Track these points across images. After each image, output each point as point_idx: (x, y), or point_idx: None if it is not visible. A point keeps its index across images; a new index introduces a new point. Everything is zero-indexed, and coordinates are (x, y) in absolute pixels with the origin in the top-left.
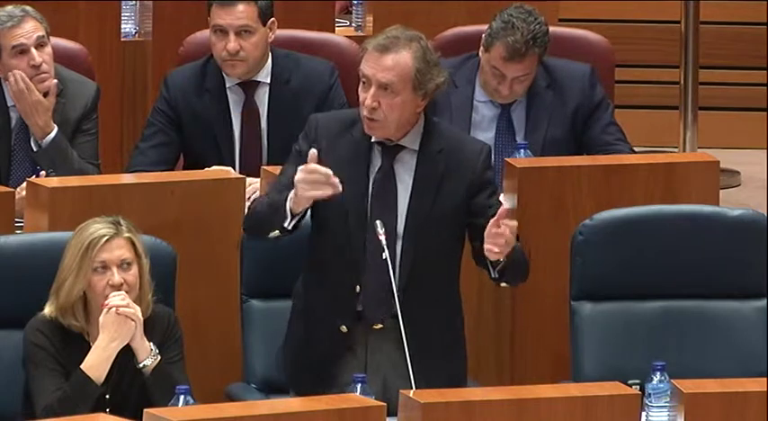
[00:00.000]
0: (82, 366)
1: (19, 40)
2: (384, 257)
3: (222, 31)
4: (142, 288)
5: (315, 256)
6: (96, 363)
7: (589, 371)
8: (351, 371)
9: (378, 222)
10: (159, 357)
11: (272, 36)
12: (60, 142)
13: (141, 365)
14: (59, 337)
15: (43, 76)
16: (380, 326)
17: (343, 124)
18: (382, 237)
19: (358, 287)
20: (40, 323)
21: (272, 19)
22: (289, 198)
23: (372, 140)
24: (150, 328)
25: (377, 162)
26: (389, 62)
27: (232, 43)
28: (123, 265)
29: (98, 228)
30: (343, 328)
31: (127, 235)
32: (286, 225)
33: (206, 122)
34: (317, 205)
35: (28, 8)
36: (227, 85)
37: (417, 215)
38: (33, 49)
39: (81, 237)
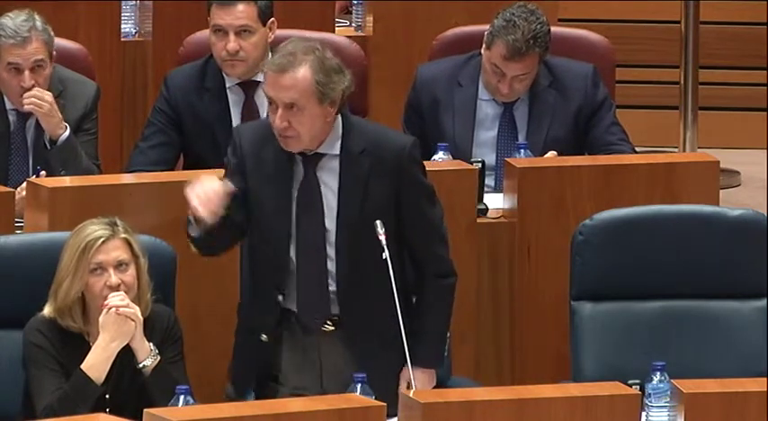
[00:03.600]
0: (82, 366)
1: (16, 59)
2: (384, 257)
3: (222, 31)
4: (140, 288)
5: (248, 266)
6: (96, 363)
7: (589, 371)
8: (305, 374)
9: (378, 222)
10: (159, 357)
11: (272, 36)
12: (73, 140)
13: (141, 365)
14: (59, 337)
15: None
16: (332, 328)
17: (266, 134)
18: (382, 237)
19: (280, 297)
20: (39, 323)
21: (272, 19)
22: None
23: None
24: (150, 328)
25: (300, 172)
26: (288, 81)
27: (232, 43)
28: (120, 266)
29: (94, 229)
30: (264, 337)
31: (123, 236)
32: (191, 232)
33: (206, 122)
34: (250, 220)
35: (38, 23)
36: (227, 85)
37: (347, 218)
38: (27, 72)
39: (77, 239)
